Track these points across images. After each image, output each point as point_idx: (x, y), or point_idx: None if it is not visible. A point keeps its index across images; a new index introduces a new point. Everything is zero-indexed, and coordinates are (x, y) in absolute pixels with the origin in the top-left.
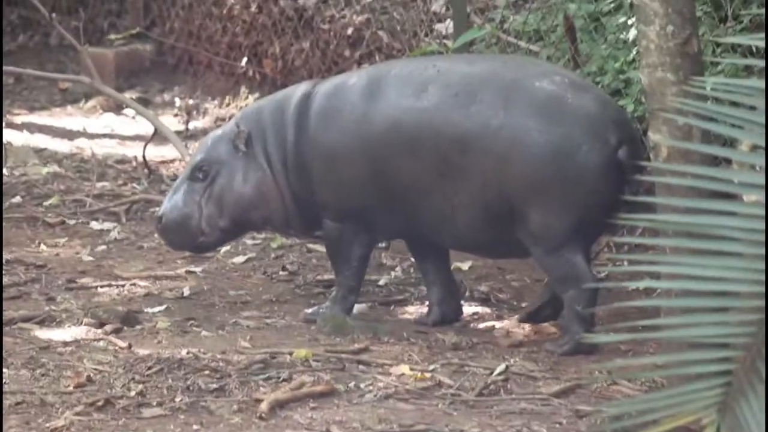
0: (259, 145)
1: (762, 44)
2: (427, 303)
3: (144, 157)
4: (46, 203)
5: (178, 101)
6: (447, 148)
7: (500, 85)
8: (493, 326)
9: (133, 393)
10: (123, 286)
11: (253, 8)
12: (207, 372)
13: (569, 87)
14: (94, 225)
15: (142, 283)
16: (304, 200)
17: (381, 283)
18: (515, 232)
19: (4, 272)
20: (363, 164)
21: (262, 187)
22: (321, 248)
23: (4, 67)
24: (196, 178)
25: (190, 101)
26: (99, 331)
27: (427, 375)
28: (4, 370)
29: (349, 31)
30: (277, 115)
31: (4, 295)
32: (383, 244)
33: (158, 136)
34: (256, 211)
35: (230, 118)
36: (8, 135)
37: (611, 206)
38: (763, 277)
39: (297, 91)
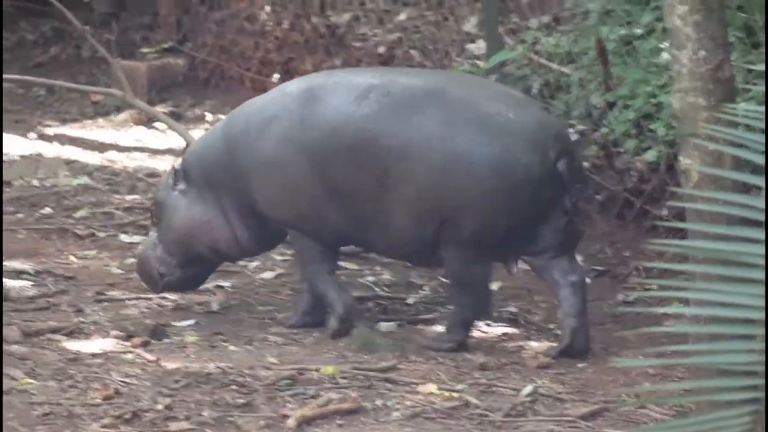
0: (200, 174)
1: None
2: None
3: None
4: (75, 215)
5: (209, 116)
6: (386, 157)
7: (444, 100)
8: (521, 347)
9: (160, 406)
10: (151, 299)
11: (286, 25)
12: (234, 387)
13: (512, 102)
14: (124, 238)
15: (171, 296)
16: (255, 215)
17: (409, 301)
18: (439, 239)
19: (33, 283)
20: (302, 171)
21: (204, 218)
22: (350, 265)
23: (37, 78)
24: (153, 223)
25: (221, 116)
26: (127, 344)
27: (455, 394)
28: (33, 381)
29: (381, 49)
30: (218, 138)
31: (33, 306)
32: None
33: None
34: (201, 243)
35: None
36: (39, 146)
37: (536, 217)
38: None
39: (233, 113)
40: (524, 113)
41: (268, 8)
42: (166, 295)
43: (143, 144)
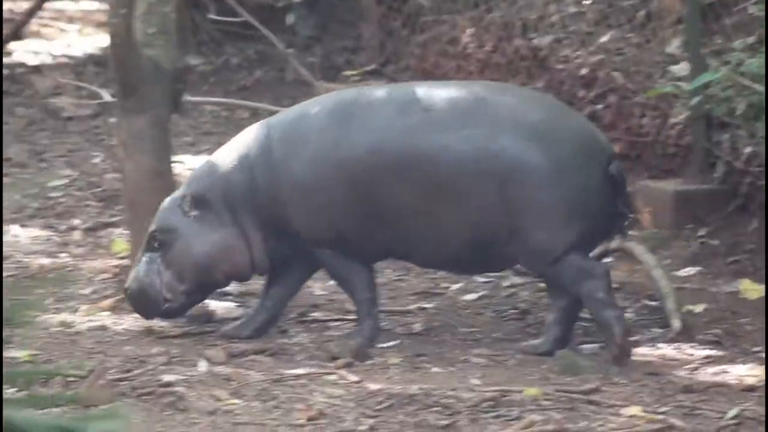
0: (219, 198)
1: None
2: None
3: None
4: None
5: None
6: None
7: (490, 110)
8: (725, 370)
9: (363, 428)
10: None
11: (488, 47)
12: (437, 408)
13: (556, 109)
14: None
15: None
16: (281, 237)
17: None
18: (509, 249)
19: (238, 304)
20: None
21: (224, 244)
22: None
23: (241, 102)
24: (153, 248)
25: None
26: (330, 365)
27: (659, 417)
28: (237, 401)
29: (583, 71)
30: (240, 160)
31: None
32: None
33: None
34: (219, 270)
35: None
36: None
37: (606, 217)
38: None
39: (252, 134)
40: (572, 119)
41: (470, 31)
42: None
43: None
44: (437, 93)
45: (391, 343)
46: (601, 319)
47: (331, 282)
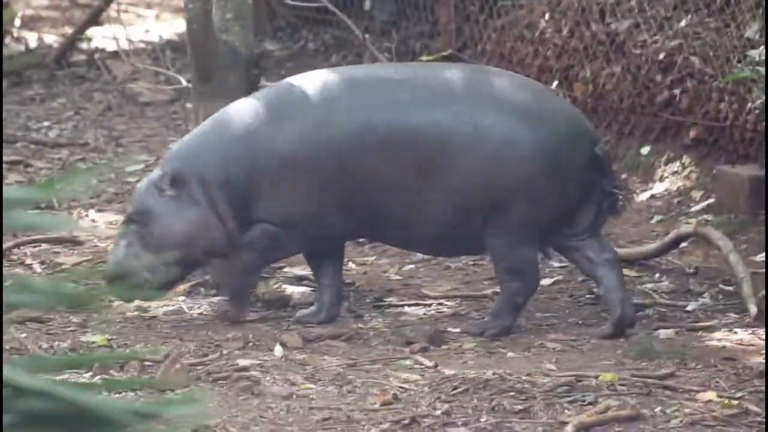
0: (194, 177)
1: None
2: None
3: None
4: None
5: None
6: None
7: (476, 89)
8: None
9: (438, 412)
10: (430, 305)
11: (565, 32)
12: (512, 393)
13: (545, 92)
14: None
15: (449, 303)
16: (249, 216)
17: (689, 308)
18: (486, 226)
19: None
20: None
21: (200, 220)
22: (628, 272)
23: None
24: (131, 230)
25: None
26: (405, 349)
27: (734, 402)
28: (312, 386)
29: (661, 56)
30: (216, 140)
31: None
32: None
33: None
34: (197, 246)
35: None
36: None
37: (580, 201)
38: None
39: (228, 114)
40: (558, 102)
41: (547, 15)
42: (444, 301)
43: None
44: (423, 72)
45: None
46: (499, 316)
47: (408, 267)
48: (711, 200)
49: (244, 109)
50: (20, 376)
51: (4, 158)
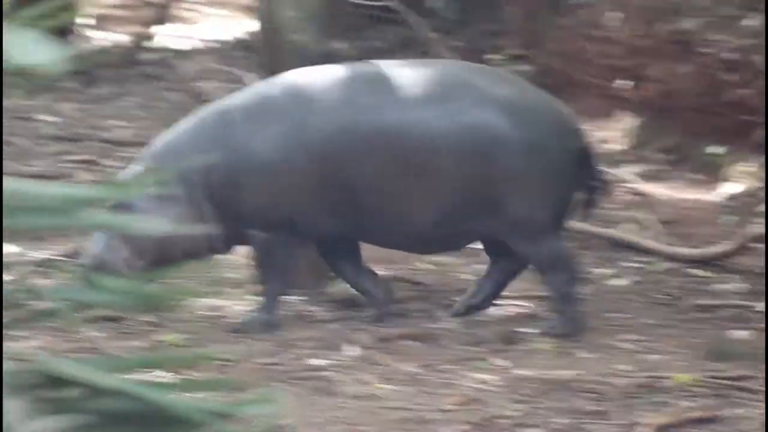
0: (176, 176)
1: None
2: None
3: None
4: None
5: None
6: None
7: (461, 87)
8: None
9: (513, 413)
10: (504, 305)
11: (634, 31)
12: (587, 394)
13: (526, 86)
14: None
15: (524, 303)
16: (230, 217)
17: (759, 309)
18: (484, 225)
19: (392, 288)
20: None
21: (182, 220)
22: (701, 272)
23: None
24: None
25: None
26: (480, 350)
27: None
28: (386, 385)
29: (729, 55)
30: (197, 139)
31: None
32: None
33: None
34: (177, 246)
35: (608, 141)
36: None
37: (578, 190)
38: None
39: (212, 111)
40: (541, 96)
41: (615, 14)
42: (519, 301)
43: None
44: (406, 70)
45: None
46: (560, 310)
47: (480, 266)
48: None
49: (226, 108)
50: (96, 376)
51: (74, 157)
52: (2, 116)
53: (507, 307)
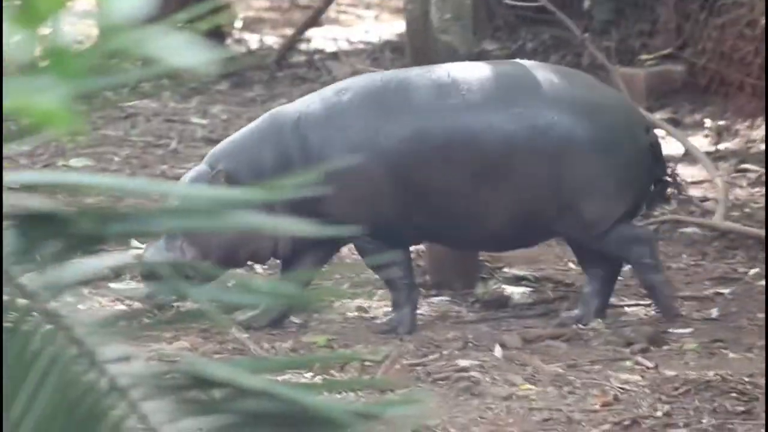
0: (248, 179)
1: None
2: None
3: (675, 177)
4: None
5: (708, 122)
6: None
7: (528, 88)
8: None
9: (659, 413)
10: (650, 305)
11: None
12: (734, 394)
13: (594, 83)
14: None
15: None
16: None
17: None
18: (555, 225)
19: (533, 289)
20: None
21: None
22: None
23: None
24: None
25: (720, 122)
26: (626, 350)
27: None
28: (533, 386)
29: None
30: (270, 143)
31: (533, 312)
32: None
33: (688, 157)
34: (243, 249)
35: (761, 141)
36: None
37: (648, 185)
38: None
39: (284, 115)
40: (609, 92)
41: None
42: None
43: None
44: (473, 73)
45: (687, 329)
46: (648, 282)
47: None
48: None
49: (299, 111)
50: (242, 377)
51: None
52: (2, 116)
53: (653, 307)
